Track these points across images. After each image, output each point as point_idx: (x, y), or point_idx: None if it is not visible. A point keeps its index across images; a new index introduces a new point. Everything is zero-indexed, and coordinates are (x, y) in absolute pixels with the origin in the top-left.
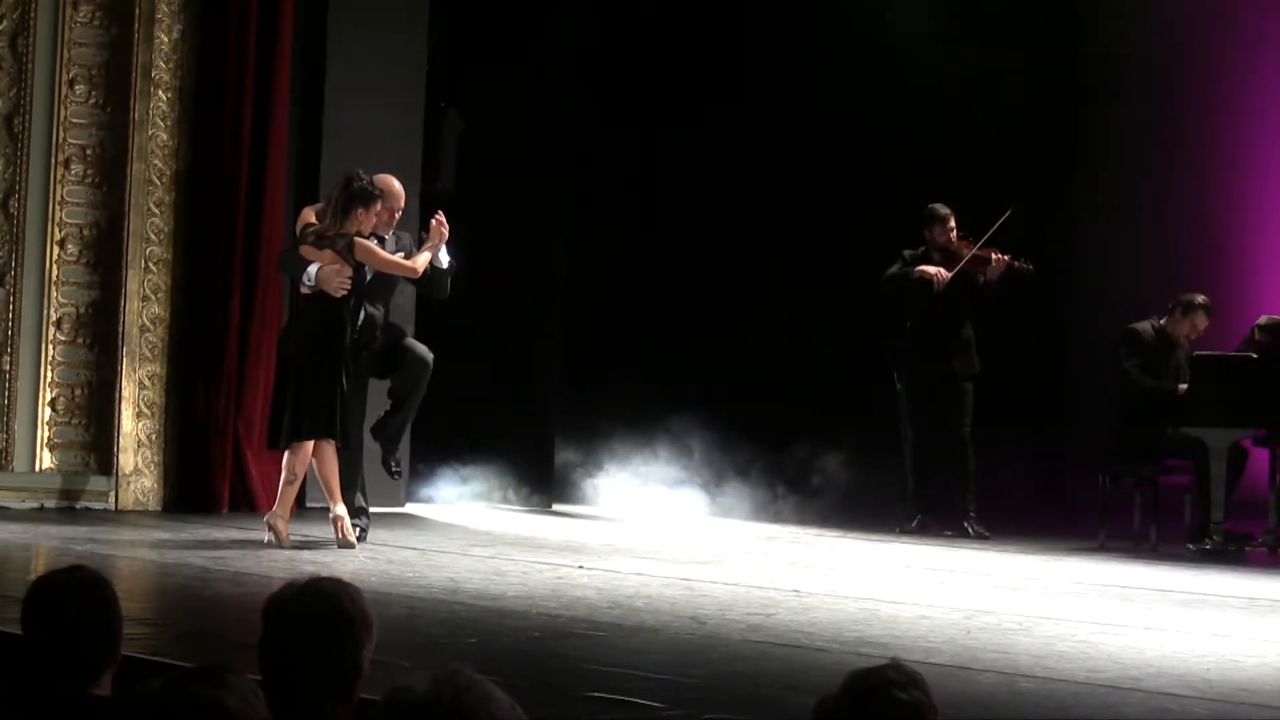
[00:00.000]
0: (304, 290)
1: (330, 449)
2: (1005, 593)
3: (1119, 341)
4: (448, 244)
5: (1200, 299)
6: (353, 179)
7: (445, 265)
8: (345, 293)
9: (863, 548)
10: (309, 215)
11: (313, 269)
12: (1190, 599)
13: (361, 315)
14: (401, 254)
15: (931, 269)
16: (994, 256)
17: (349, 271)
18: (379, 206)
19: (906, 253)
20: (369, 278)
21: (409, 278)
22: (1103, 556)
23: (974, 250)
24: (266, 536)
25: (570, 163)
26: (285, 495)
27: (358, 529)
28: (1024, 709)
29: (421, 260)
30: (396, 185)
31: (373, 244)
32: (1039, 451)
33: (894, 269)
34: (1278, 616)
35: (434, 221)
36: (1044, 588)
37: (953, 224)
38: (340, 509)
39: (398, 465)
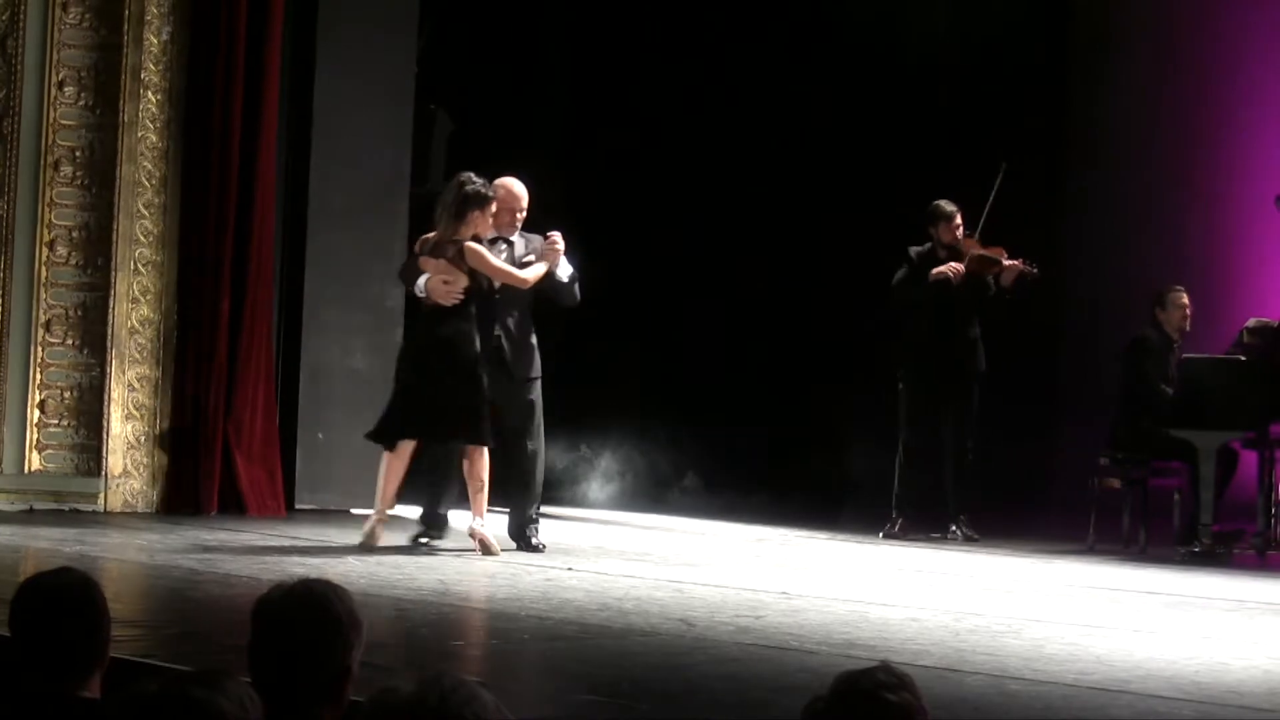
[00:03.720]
0: (425, 301)
1: (482, 453)
2: (994, 595)
3: (1131, 349)
4: (565, 255)
5: (1169, 286)
6: (465, 182)
7: (565, 278)
8: (457, 302)
9: (851, 550)
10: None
11: (422, 280)
12: (1178, 601)
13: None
14: (533, 255)
15: (946, 268)
16: (1007, 261)
17: (463, 282)
18: (494, 208)
19: (913, 250)
20: (498, 284)
21: (520, 288)
22: (1091, 558)
23: (980, 250)
24: (473, 546)
25: (560, 163)
26: (479, 502)
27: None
28: (1013, 711)
29: (532, 272)
30: (518, 187)
31: (484, 249)
32: (1028, 452)
33: (901, 274)
34: (1266, 619)
35: (547, 241)
36: (1033, 590)
37: (959, 220)
38: (384, 512)
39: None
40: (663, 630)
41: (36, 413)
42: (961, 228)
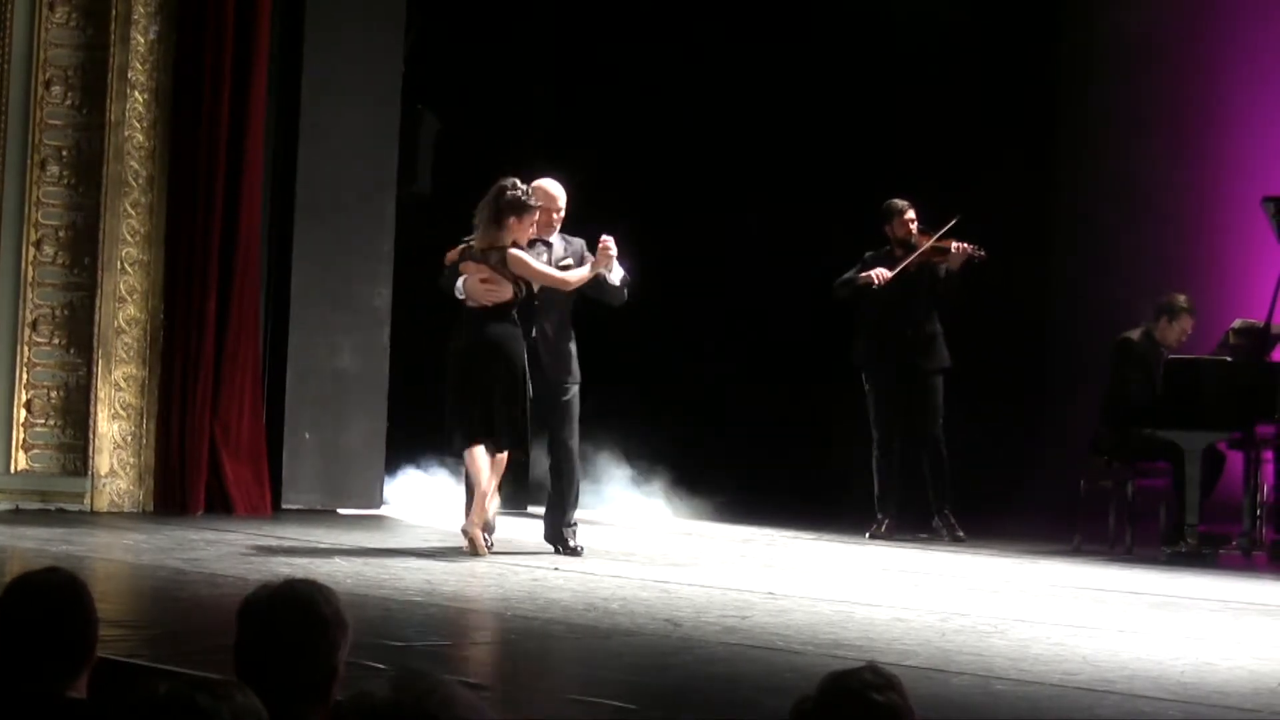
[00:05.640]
0: (465, 304)
1: (502, 457)
2: (980, 595)
3: (1114, 351)
4: (618, 259)
5: (1182, 301)
6: (505, 188)
7: (617, 281)
8: (499, 303)
9: (838, 550)
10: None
11: (460, 281)
12: (1164, 601)
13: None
14: (570, 260)
15: (872, 272)
16: (954, 246)
17: (508, 289)
18: (536, 216)
19: (868, 254)
20: (537, 288)
21: (563, 290)
22: (1077, 559)
23: (931, 242)
24: (464, 545)
25: (547, 163)
26: (480, 504)
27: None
28: (999, 711)
29: (575, 275)
30: (555, 188)
31: (527, 255)
32: (1013, 453)
33: (849, 274)
34: (1251, 619)
35: (600, 245)
36: (1019, 590)
37: (910, 215)
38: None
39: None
40: (649, 630)
41: (23, 412)
42: (916, 223)
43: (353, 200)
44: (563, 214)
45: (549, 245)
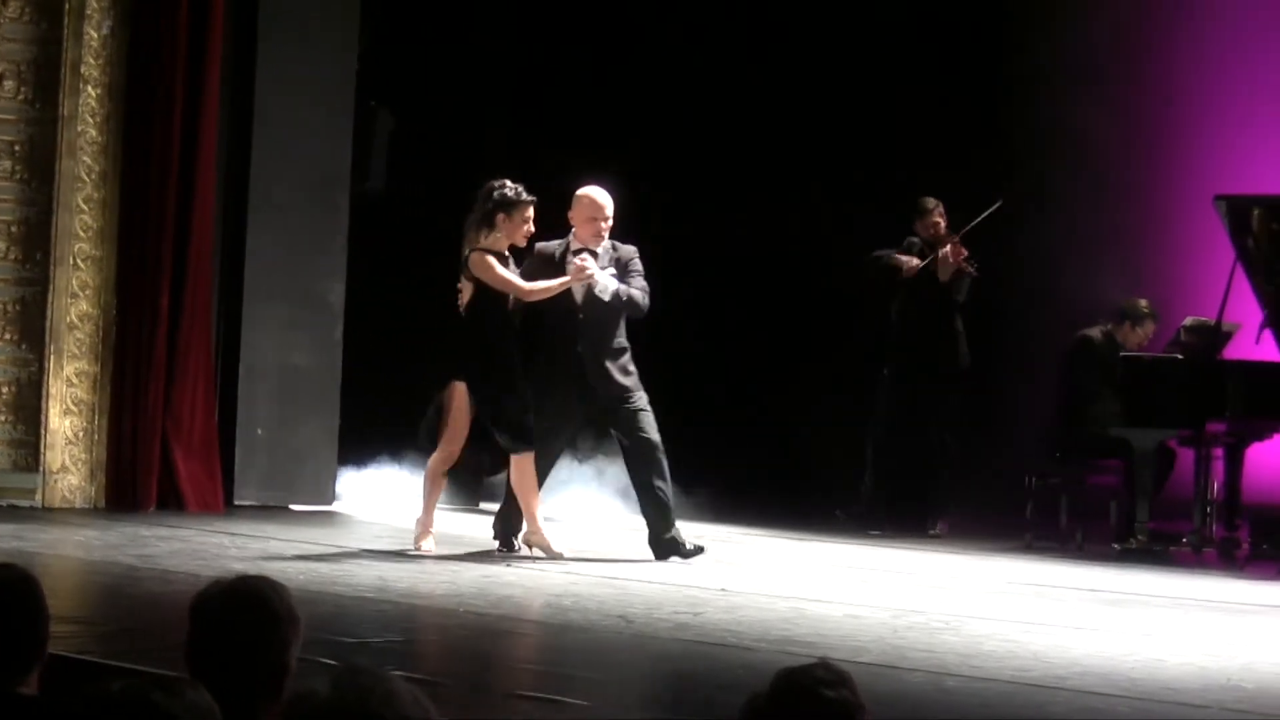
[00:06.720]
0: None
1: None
2: (932, 592)
3: (1072, 349)
4: (623, 275)
5: (1144, 306)
6: (494, 188)
7: (606, 298)
8: (462, 308)
9: (790, 547)
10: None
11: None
12: (1116, 598)
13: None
14: (612, 270)
15: (905, 258)
16: (941, 254)
17: (467, 291)
18: (529, 213)
19: (907, 240)
20: (584, 296)
21: (522, 299)
22: (1029, 556)
23: (952, 241)
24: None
25: (502, 162)
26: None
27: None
28: (951, 707)
29: (537, 286)
30: (600, 196)
31: (491, 259)
32: (963, 449)
33: (885, 251)
34: (1201, 615)
35: (576, 264)
36: (971, 587)
37: (936, 217)
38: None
39: (696, 546)
40: (601, 627)
41: None
42: (941, 224)
43: (306, 196)
44: (610, 222)
45: (594, 254)
